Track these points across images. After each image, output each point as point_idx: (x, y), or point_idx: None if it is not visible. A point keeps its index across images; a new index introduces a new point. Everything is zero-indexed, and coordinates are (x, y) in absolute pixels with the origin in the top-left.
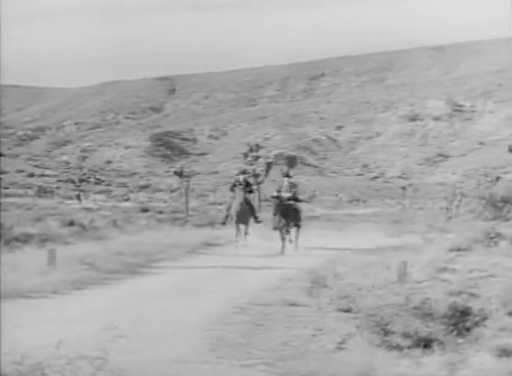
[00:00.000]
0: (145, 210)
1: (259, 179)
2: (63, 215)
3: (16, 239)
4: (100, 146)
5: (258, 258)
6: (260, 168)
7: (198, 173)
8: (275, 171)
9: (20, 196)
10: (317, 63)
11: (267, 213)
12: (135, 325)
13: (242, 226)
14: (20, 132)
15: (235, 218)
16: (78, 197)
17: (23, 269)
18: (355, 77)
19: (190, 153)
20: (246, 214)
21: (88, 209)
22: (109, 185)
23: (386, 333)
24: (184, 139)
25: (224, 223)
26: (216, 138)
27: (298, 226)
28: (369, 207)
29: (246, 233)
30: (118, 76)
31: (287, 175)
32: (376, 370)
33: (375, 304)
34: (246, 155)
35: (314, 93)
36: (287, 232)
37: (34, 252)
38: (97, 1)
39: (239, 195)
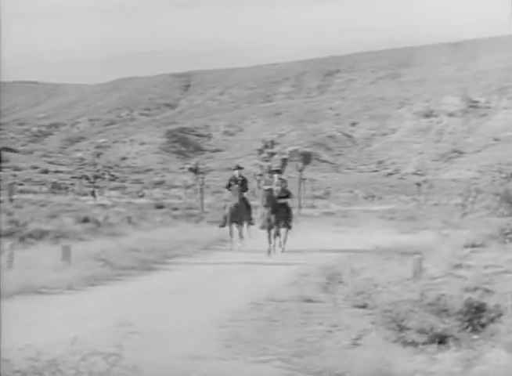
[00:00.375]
0: (160, 206)
1: None
2: (77, 212)
3: (31, 235)
4: (115, 142)
5: (274, 254)
6: (275, 164)
7: (213, 169)
8: (290, 168)
9: (35, 192)
10: (332, 59)
11: None
12: (150, 321)
13: (238, 227)
14: (35, 129)
15: (229, 218)
16: (93, 194)
17: (38, 266)
18: (370, 74)
19: (205, 150)
20: (242, 214)
21: (103, 205)
22: (123, 181)
23: (401, 329)
24: (199, 136)
25: (223, 226)
26: (231, 134)
27: (289, 227)
28: (384, 204)
29: (241, 236)
30: (133, 73)
31: (278, 172)
32: (391, 366)
33: (390, 300)
34: (261, 151)
35: (329, 89)
36: (277, 233)
37: (48, 249)
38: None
39: (235, 193)
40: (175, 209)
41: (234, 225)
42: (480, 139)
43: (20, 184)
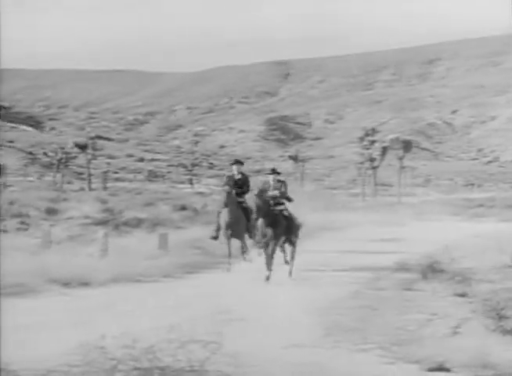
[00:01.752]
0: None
1: (374, 164)
2: (174, 200)
3: (126, 223)
4: (213, 130)
5: (374, 242)
6: (376, 153)
7: (313, 157)
8: (390, 156)
9: (130, 181)
10: (432, 46)
11: (380, 198)
12: (249, 309)
13: (237, 241)
14: (130, 117)
15: (224, 231)
16: (190, 182)
17: (133, 254)
18: (470, 61)
19: (305, 138)
20: (240, 224)
21: (201, 194)
22: (222, 169)
23: (501, 317)
24: (299, 124)
25: (215, 238)
26: (332, 122)
27: (292, 242)
28: (483, 192)
29: (243, 251)
30: (232, 61)
31: (274, 171)
32: (490, 355)
33: (490, 288)
34: (362, 139)
35: (429, 77)
36: (273, 251)
37: (144, 237)
38: None
39: (231, 197)
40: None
41: (232, 240)
42: None
43: (115, 172)
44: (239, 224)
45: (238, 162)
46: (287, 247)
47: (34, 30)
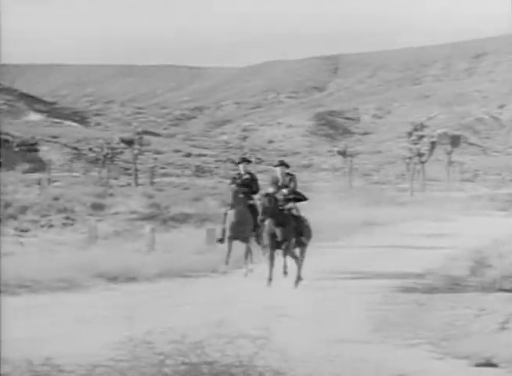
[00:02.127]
0: (308, 190)
1: (423, 159)
2: (222, 195)
3: (173, 218)
4: (261, 125)
5: (422, 237)
6: (424, 148)
7: (362, 152)
8: (438, 151)
9: (177, 176)
10: (480, 41)
11: (429, 193)
12: (298, 305)
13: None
14: (177, 112)
15: (228, 233)
16: None
17: (181, 249)
18: None
19: (354, 133)
20: (246, 226)
21: None
22: (270, 164)
23: None
24: (347, 119)
25: (221, 240)
26: (380, 117)
27: (302, 244)
28: None
29: (247, 256)
30: (279, 56)
31: (282, 164)
32: None
33: None
34: (410, 134)
35: (477, 72)
36: (284, 253)
37: (192, 232)
38: None
39: (238, 198)
40: (322, 192)
41: (232, 242)
42: None
43: (162, 168)
44: (246, 225)
45: (245, 160)
46: (296, 251)
47: (80, 26)
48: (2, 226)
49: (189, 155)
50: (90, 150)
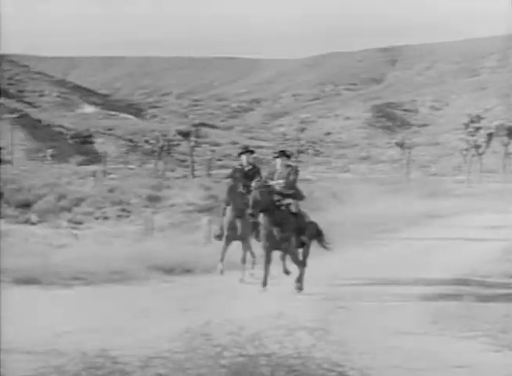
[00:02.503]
0: (365, 181)
1: (480, 151)
2: None
3: None
4: (319, 117)
5: (479, 229)
6: (481, 139)
7: (419, 144)
8: (495, 143)
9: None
10: None
11: (485, 184)
12: (356, 296)
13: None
14: (234, 104)
15: (225, 232)
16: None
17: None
18: None
19: (412, 124)
20: (243, 225)
21: (307, 180)
22: (328, 156)
23: None
24: (405, 110)
25: (219, 237)
26: (437, 109)
27: (306, 245)
28: None
29: (244, 259)
30: (337, 48)
31: (283, 154)
32: None
33: None
34: (467, 126)
35: None
36: (283, 257)
37: None
38: None
39: (235, 193)
40: (381, 184)
41: (228, 242)
42: None
43: (219, 160)
44: (243, 223)
45: (248, 151)
46: (298, 251)
47: (137, 17)
48: (57, 219)
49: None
50: (146, 142)
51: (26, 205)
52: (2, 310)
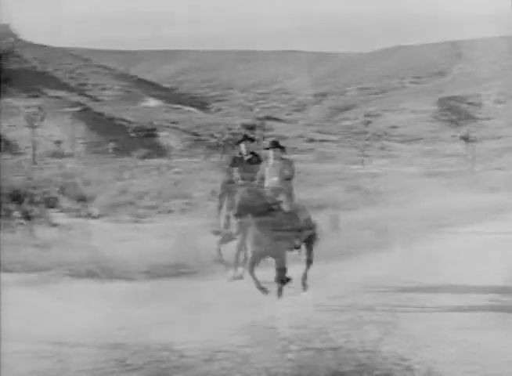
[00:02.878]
0: (430, 175)
1: None
2: (345, 180)
3: None
4: (385, 110)
5: None
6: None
7: (484, 138)
8: None
9: (300, 161)
10: None
11: None
12: (421, 291)
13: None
14: (300, 98)
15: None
16: (362, 163)
17: None
18: None
19: (476, 118)
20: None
21: (373, 174)
22: (392, 150)
23: None
24: (470, 104)
25: (217, 232)
26: (501, 102)
27: (298, 248)
28: None
29: (237, 258)
30: (403, 41)
31: (276, 145)
32: None
33: None
34: None
35: None
36: (279, 263)
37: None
38: None
39: (227, 187)
40: (447, 178)
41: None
42: None
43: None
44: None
45: (247, 139)
46: (303, 248)
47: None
48: (118, 212)
49: (311, 140)
50: (211, 135)
51: (87, 199)
52: (61, 302)
